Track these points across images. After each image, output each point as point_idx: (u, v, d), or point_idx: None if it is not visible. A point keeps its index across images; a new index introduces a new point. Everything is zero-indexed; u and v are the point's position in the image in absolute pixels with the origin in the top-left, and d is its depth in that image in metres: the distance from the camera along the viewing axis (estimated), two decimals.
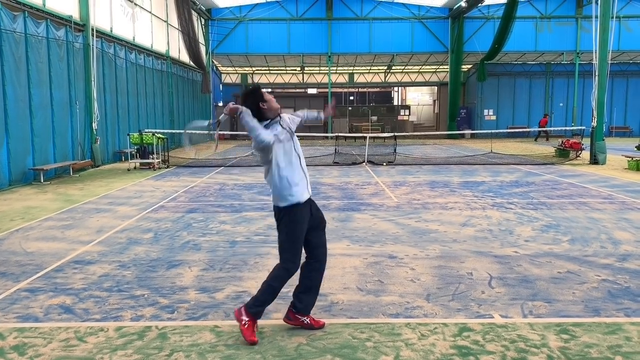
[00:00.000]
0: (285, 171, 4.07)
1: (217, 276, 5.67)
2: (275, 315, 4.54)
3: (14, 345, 4.00)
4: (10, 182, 12.74)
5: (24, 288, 5.32)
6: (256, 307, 4.06)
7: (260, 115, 4.07)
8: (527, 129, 32.93)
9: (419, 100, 50.89)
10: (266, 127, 4.07)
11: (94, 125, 17.32)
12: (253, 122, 3.98)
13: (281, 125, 4.12)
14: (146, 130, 18.36)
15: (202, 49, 32.38)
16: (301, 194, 4.11)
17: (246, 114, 3.97)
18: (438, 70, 44.43)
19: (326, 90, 39.02)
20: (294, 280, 4.25)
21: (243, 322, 4.00)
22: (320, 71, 44.41)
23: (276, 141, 4.02)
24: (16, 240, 7.36)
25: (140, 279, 5.59)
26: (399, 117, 43.07)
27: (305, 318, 4.20)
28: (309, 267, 4.24)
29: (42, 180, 13.48)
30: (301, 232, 4.12)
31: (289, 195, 4.07)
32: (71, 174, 15.19)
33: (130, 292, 5.16)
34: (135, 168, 17.08)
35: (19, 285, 5.41)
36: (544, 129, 31.07)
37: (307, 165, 4.34)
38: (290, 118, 4.33)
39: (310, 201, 4.25)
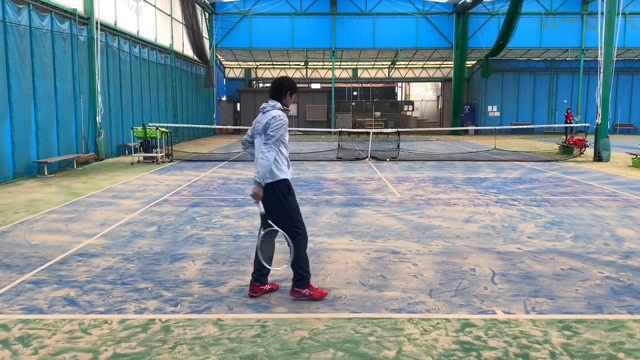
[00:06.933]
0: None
1: (221, 270, 5.69)
2: (278, 309, 4.56)
3: (18, 336, 4.03)
4: (14, 175, 12.78)
5: (29, 280, 5.35)
6: (301, 279, 4.71)
7: (281, 97, 4.77)
8: (531, 126, 32.77)
9: (422, 95, 50.82)
10: (283, 111, 4.75)
11: (98, 119, 17.35)
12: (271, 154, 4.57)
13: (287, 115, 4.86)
14: (150, 124, 18.38)
15: (206, 43, 32.34)
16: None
17: (259, 182, 4.56)
18: (442, 66, 44.31)
19: (330, 85, 38.97)
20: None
21: (308, 293, 4.70)
22: (324, 66, 44.35)
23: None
24: (20, 233, 7.39)
25: (144, 272, 5.62)
26: (403, 113, 43.00)
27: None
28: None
29: (46, 173, 13.52)
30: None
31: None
32: (75, 167, 15.23)
33: (134, 285, 5.18)
34: (138, 162, 17.11)
35: (23, 277, 5.44)
36: (571, 125, 28.73)
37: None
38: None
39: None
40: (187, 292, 5.00)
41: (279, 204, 4.68)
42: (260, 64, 44.55)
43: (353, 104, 43.18)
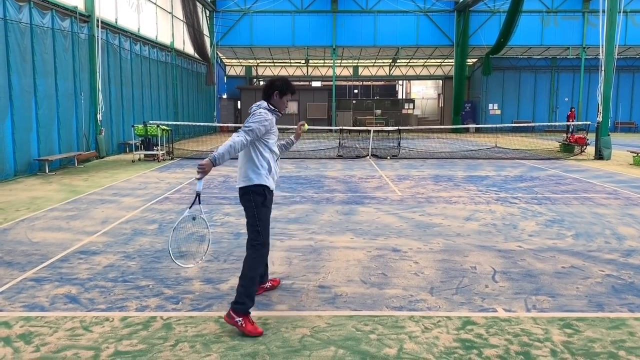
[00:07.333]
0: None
1: (222, 267, 5.69)
2: (279, 307, 4.56)
3: (20, 334, 4.04)
4: (15, 173, 12.79)
5: (30, 277, 5.35)
6: (239, 303, 4.09)
7: (269, 97, 4.40)
8: (532, 124, 32.78)
9: (423, 93, 50.80)
10: (270, 111, 4.33)
11: (99, 117, 17.34)
12: (235, 142, 4.09)
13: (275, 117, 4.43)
14: (151, 122, 18.38)
15: (207, 40, 32.31)
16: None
17: (213, 158, 4.07)
18: (443, 64, 44.29)
19: (330, 83, 38.94)
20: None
21: (239, 323, 4.01)
22: (325, 64, 44.32)
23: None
24: (22, 230, 7.40)
25: (145, 269, 5.62)
26: (403, 111, 42.95)
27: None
28: None
29: (47, 171, 13.52)
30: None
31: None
32: (76, 164, 15.24)
33: (135, 283, 5.19)
34: (139, 159, 17.12)
35: (25, 274, 5.45)
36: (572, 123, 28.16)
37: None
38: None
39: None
40: (188, 289, 5.01)
41: (249, 212, 4.30)
42: (261, 62, 44.52)
43: (354, 102, 43.14)
